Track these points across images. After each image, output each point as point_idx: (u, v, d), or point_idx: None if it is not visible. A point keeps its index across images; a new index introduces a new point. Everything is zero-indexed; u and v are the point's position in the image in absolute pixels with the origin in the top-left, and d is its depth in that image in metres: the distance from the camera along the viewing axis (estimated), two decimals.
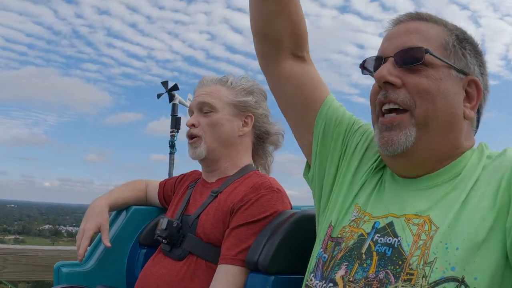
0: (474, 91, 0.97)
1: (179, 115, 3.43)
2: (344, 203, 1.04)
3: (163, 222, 1.48)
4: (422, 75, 0.92)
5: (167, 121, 3.38)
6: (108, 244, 1.60)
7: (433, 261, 0.81)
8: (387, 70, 0.94)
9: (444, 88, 0.92)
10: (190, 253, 1.42)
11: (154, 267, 1.48)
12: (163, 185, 1.82)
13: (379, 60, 0.99)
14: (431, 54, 0.92)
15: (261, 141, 1.66)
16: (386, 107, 0.96)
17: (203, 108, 1.56)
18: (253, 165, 1.60)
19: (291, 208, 1.40)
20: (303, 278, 1.04)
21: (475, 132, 1.02)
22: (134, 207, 1.81)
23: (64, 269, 1.61)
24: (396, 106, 0.94)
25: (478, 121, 1.02)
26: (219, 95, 1.57)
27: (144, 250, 1.73)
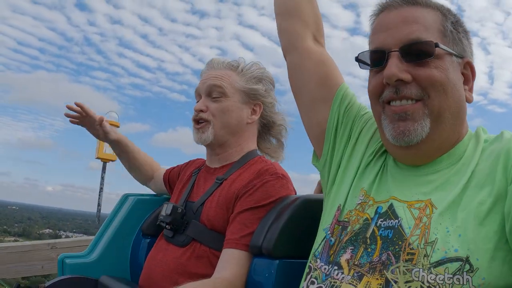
0: (469, 72, 0.98)
1: None
2: (350, 186, 1.05)
3: (168, 208, 1.47)
4: (432, 67, 0.91)
5: (174, 133, 3.37)
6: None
7: (434, 241, 0.82)
8: (396, 66, 0.92)
9: (452, 77, 0.92)
10: (193, 239, 1.41)
11: (157, 255, 1.48)
12: (169, 171, 1.84)
13: (380, 54, 0.96)
14: (440, 48, 0.91)
15: (266, 130, 1.66)
16: (397, 103, 0.94)
17: (213, 93, 1.53)
18: (258, 151, 1.60)
19: (295, 194, 1.40)
20: (306, 261, 1.04)
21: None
22: (136, 197, 1.82)
23: (68, 260, 1.61)
24: (409, 102, 0.92)
25: None
26: (230, 81, 1.54)
27: (148, 240, 1.74)
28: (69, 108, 1.74)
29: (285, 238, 1.18)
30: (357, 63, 1.03)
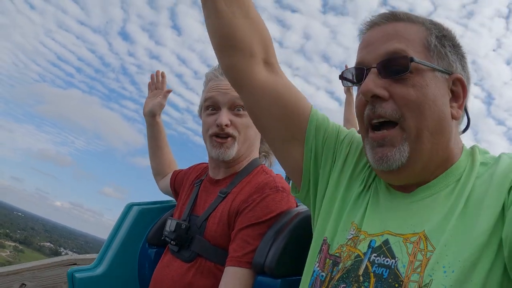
0: (459, 89, 0.94)
1: None
2: (338, 220, 1.01)
3: (171, 224, 1.48)
4: (409, 85, 0.89)
5: None
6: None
7: (428, 283, 0.79)
8: (373, 82, 0.90)
9: (432, 93, 0.89)
10: (198, 255, 1.42)
11: (164, 270, 1.49)
12: (176, 173, 1.86)
13: (361, 70, 0.94)
14: (416, 62, 0.89)
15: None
16: (375, 121, 0.93)
17: (236, 105, 1.49)
18: (259, 159, 1.60)
19: (297, 206, 1.40)
20: None
21: (468, 127, 1.00)
22: (140, 207, 1.84)
23: (77, 275, 1.64)
24: (385, 119, 0.91)
25: (467, 117, 1.00)
26: None
27: (154, 250, 1.76)
28: (156, 74, 2.04)
29: (287, 256, 1.20)
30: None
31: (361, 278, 0.88)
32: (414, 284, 0.80)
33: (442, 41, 0.94)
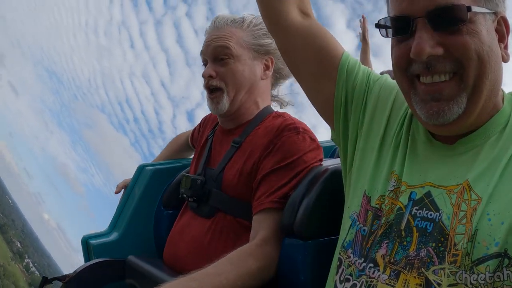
0: (503, 28, 0.87)
1: None
2: (377, 170, 0.96)
3: (186, 181, 1.43)
4: (464, 33, 0.80)
5: None
6: None
7: (474, 234, 0.75)
8: (426, 41, 0.80)
9: (487, 39, 0.82)
10: (218, 209, 1.37)
11: (182, 229, 1.45)
12: (191, 137, 1.82)
13: (404, 21, 0.84)
14: (473, 11, 0.80)
15: (280, 82, 1.60)
16: (428, 80, 0.83)
17: (219, 55, 1.43)
18: (271, 107, 1.53)
19: (318, 145, 1.34)
20: (337, 238, 1.00)
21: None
22: (153, 168, 1.76)
23: (93, 242, 1.59)
24: (443, 78, 0.82)
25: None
26: (236, 39, 1.44)
27: (170, 212, 1.69)
28: None
29: (317, 215, 1.13)
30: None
31: (403, 233, 0.84)
32: (461, 236, 0.77)
33: None
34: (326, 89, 1.06)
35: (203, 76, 1.45)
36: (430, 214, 0.82)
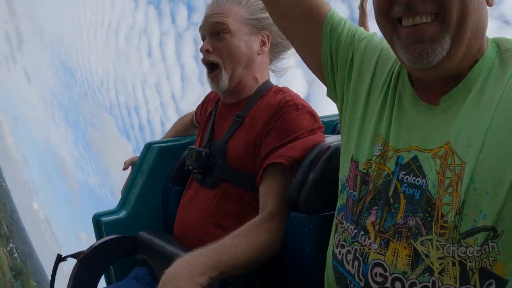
0: None
1: None
2: (362, 133, 0.95)
3: (192, 153, 1.48)
4: None
5: None
6: None
7: (461, 206, 0.74)
8: None
9: None
10: (223, 180, 1.41)
11: (190, 201, 1.49)
12: (197, 115, 1.83)
13: None
14: None
15: (278, 56, 1.61)
16: (410, 22, 0.80)
17: (216, 31, 1.45)
18: (270, 81, 1.56)
19: (318, 120, 1.36)
20: None
21: None
22: (160, 145, 1.79)
23: (104, 219, 1.64)
24: (424, 19, 0.79)
25: None
26: (234, 15, 1.46)
27: (178, 188, 1.73)
28: None
29: (320, 192, 1.16)
30: None
31: (391, 199, 0.84)
32: (448, 207, 0.75)
33: None
34: (314, 50, 1.06)
35: (200, 50, 1.48)
36: (417, 181, 0.81)
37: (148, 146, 1.81)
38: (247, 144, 1.37)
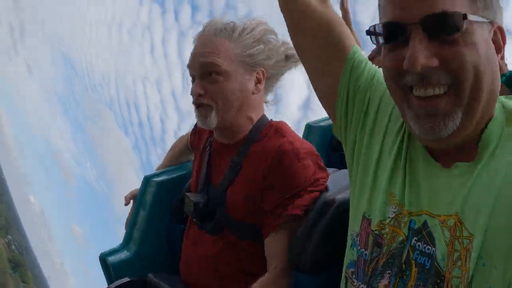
0: (500, 39, 0.83)
1: None
2: (375, 188, 0.93)
3: (189, 204, 1.42)
4: (461, 44, 0.76)
5: None
6: None
7: (470, 281, 0.74)
8: (422, 51, 0.75)
9: (484, 50, 0.77)
10: (224, 227, 1.38)
11: (192, 247, 1.48)
12: (191, 141, 1.76)
13: (397, 27, 0.79)
14: (469, 20, 0.75)
15: (270, 89, 1.53)
16: (421, 93, 0.79)
17: (208, 71, 1.35)
18: (265, 115, 1.49)
19: (322, 168, 1.33)
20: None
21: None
22: (158, 180, 1.77)
23: (111, 259, 1.66)
24: (437, 91, 0.78)
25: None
26: (225, 53, 1.35)
27: (182, 226, 1.70)
28: None
29: (324, 251, 1.17)
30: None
31: (403, 266, 0.83)
32: (458, 280, 0.75)
33: None
34: (330, 76, 1.04)
35: (191, 94, 1.38)
36: (428, 249, 0.81)
37: (147, 180, 1.79)
38: (246, 196, 1.33)
